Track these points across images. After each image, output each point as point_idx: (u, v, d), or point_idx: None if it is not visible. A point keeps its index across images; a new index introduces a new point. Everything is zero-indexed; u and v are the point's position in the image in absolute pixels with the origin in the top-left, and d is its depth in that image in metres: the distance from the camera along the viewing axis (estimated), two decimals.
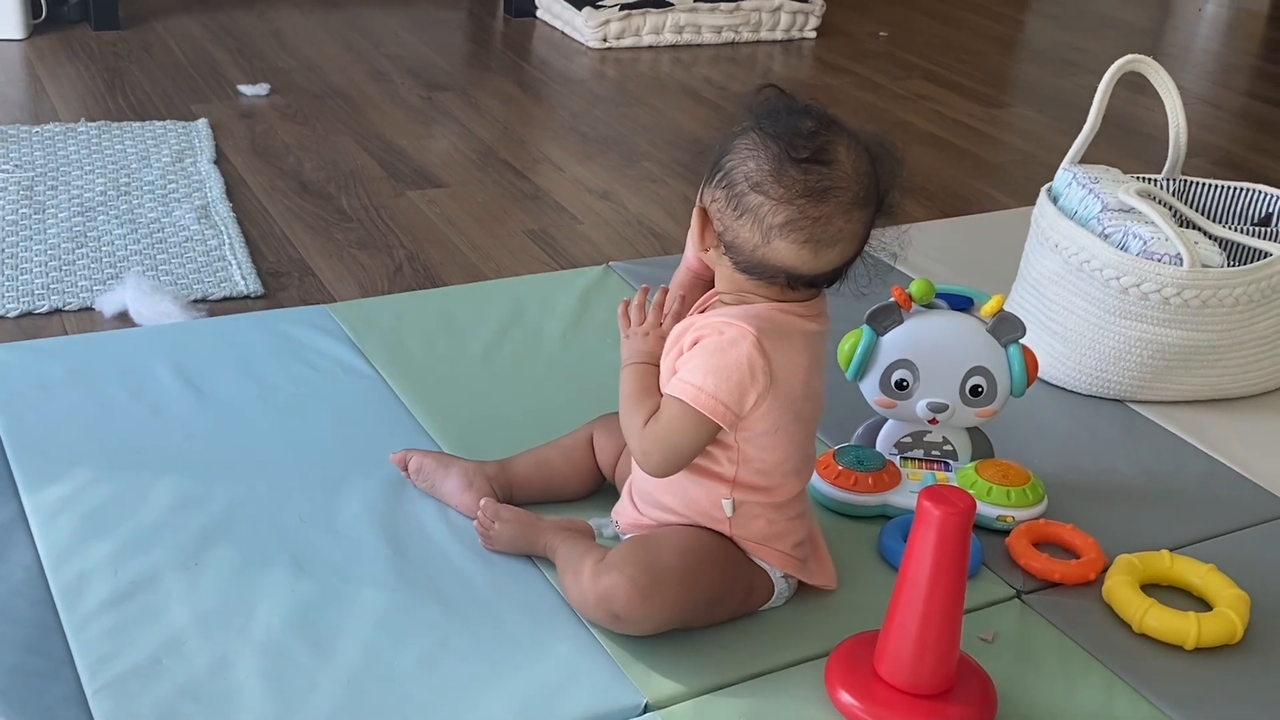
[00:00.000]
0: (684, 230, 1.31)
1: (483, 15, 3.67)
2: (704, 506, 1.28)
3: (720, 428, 1.22)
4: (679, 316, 1.30)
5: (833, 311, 1.31)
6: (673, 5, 3.48)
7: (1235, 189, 1.98)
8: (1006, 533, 1.48)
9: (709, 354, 1.21)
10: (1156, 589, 1.42)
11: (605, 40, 3.42)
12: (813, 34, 3.67)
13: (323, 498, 1.45)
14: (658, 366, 1.28)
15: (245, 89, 2.90)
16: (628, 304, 1.32)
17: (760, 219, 1.19)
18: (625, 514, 1.36)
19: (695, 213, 1.24)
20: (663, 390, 1.25)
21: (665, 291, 1.31)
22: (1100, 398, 1.81)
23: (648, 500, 1.32)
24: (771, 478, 1.27)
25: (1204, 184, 1.99)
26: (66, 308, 1.92)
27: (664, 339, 1.29)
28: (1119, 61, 1.88)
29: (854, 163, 1.19)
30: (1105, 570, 1.43)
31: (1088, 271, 1.77)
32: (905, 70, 3.49)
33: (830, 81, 3.33)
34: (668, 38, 3.48)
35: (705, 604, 1.27)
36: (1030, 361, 1.51)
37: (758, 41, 3.60)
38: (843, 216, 1.19)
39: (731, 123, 1.24)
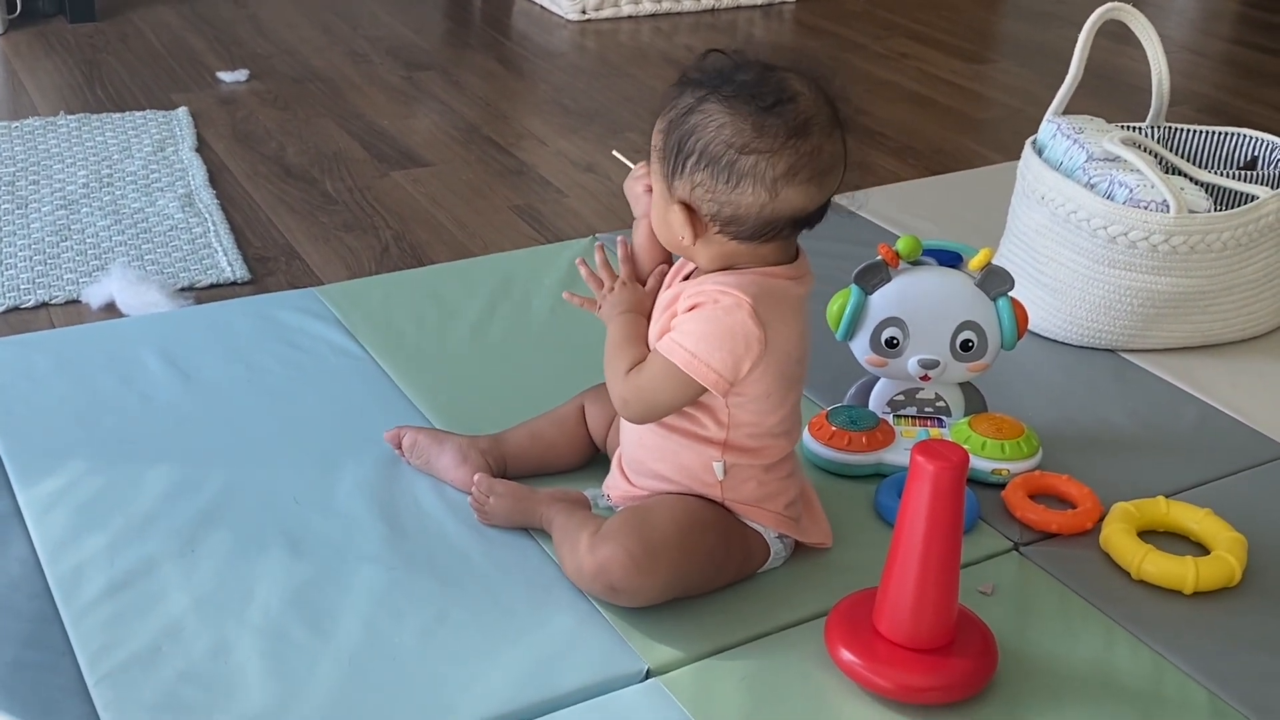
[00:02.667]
0: None
1: None
2: (695, 471, 1.28)
3: (704, 390, 1.22)
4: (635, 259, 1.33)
5: (818, 273, 1.31)
6: None
7: (1220, 134, 1.98)
8: (1002, 486, 1.48)
9: (705, 320, 1.21)
10: (1153, 535, 1.42)
11: (584, 12, 3.40)
12: None
13: (317, 478, 1.45)
14: (643, 315, 1.29)
15: (224, 76, 2.88)
16: (587, 266, 1.35)
17: (760, 176, 1.17)
18: (616, 486, 1.35)
19: (676, 211, 1.20)
20: (653, 347, 1.25)
21: (625, 245, 1.33)
22: (1092, 348, 1.81)
23: (638, 469, 1.32)
24: (762, 439, 1.27)
25: (1189, 130, 1.98)
26: (53, 301, 1.91)
27: (641, 286, 1.31)
28: (1099, 10, 1.87)
29: (810, 90, 1.19)
30: (1102, 519, 1.43)
31: (1075, 222, 1.77)
32: (887, 30, 3.47)
33: (812, 44, 3.32)
34: (647, 7, 3.47)
35: (702, 572, 1.27)
36: (1020, 314, 1.51)
37: (738, 7, 3.58)
38: (828, 141, 1.19)
39: (665, 104, 1.21)
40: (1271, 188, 1.81)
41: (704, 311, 1.21)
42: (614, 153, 1.37)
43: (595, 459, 1.47)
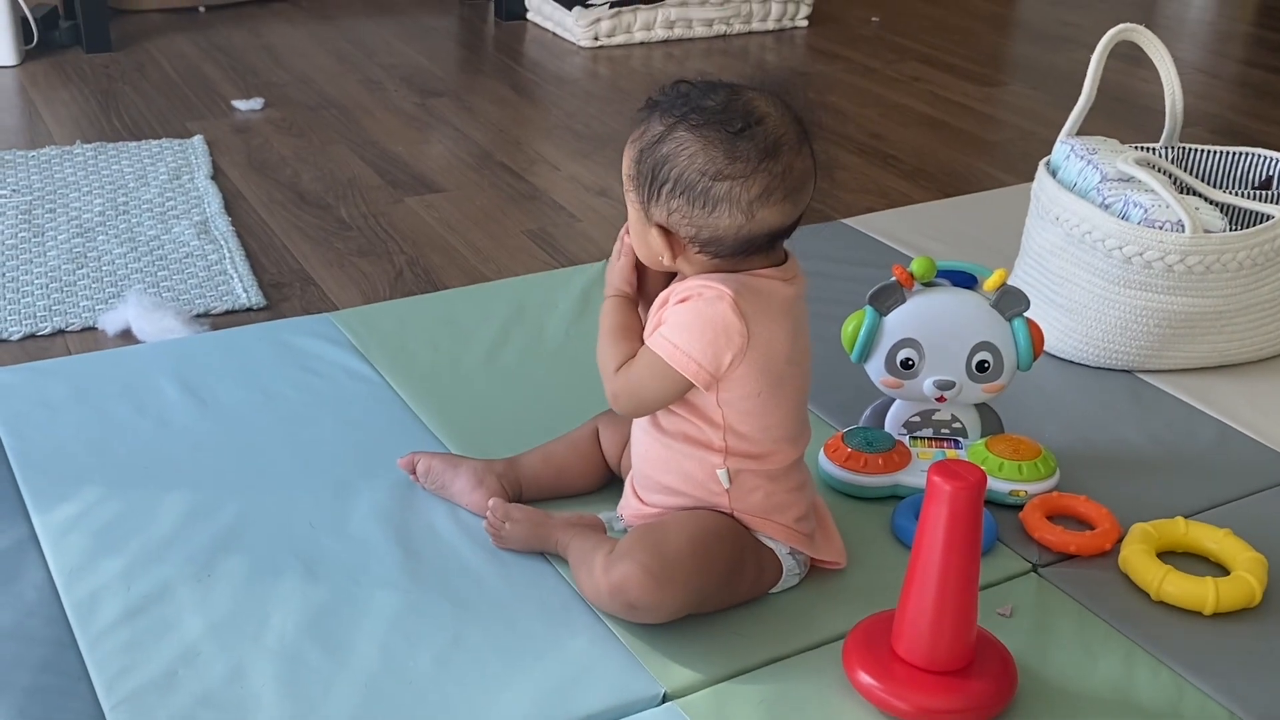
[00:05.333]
0: None
1: (474, 20, 3.67)
2: (701, 479, 1.28)
3: (692, 385, 1.23)
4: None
5: (832, 295, 1.31)
6: (663, 0, 3.48)
7: (1234, 154, 1.97)
8: (1020, 507, 1.47)
9: (688, 313, 1.22)
10: (1173, 556, 1.41)
11: (596, 39, 3.41)
12: (804, 22, 3.66)
13: (332, 503, 1.45)
14: (630, 300, 1.30)
15: (240, 104, 2.90)
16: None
17: (736, 200, 1.19)
18: (629, 507, 1.36)
19: (654, 234, 1.23)
20: (646, 342, 1.26)
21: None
22: (1108, 369, 1.80)
23: (648, 485, 1.32)
24: (761, 444, 1.27)
25: (1203, 150, 1.98)
26: (69, 328, 1.92)
27: (633, 268, 1.31)
28: (1112, 31, 1.87)
29: (776, 109, 1.21)
30: (1120, 540, 1.42)
31: (1090, 242, 1.76)
32: (899, 54, 3.48)
33: (824, 69, 3.33)
34: (659, 33, 3.48)
35: (717, 586, 1.27)
36: (1035, 334, 1.50)
37: (749, 32, 3.60)
38: (798, 158, 1.21)
39: (634, 131, 1.23)
40: None
41: (689, 304, 1.23)
42: None
43: (610, 482, 1.47)
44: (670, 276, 1.31)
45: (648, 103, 1.24)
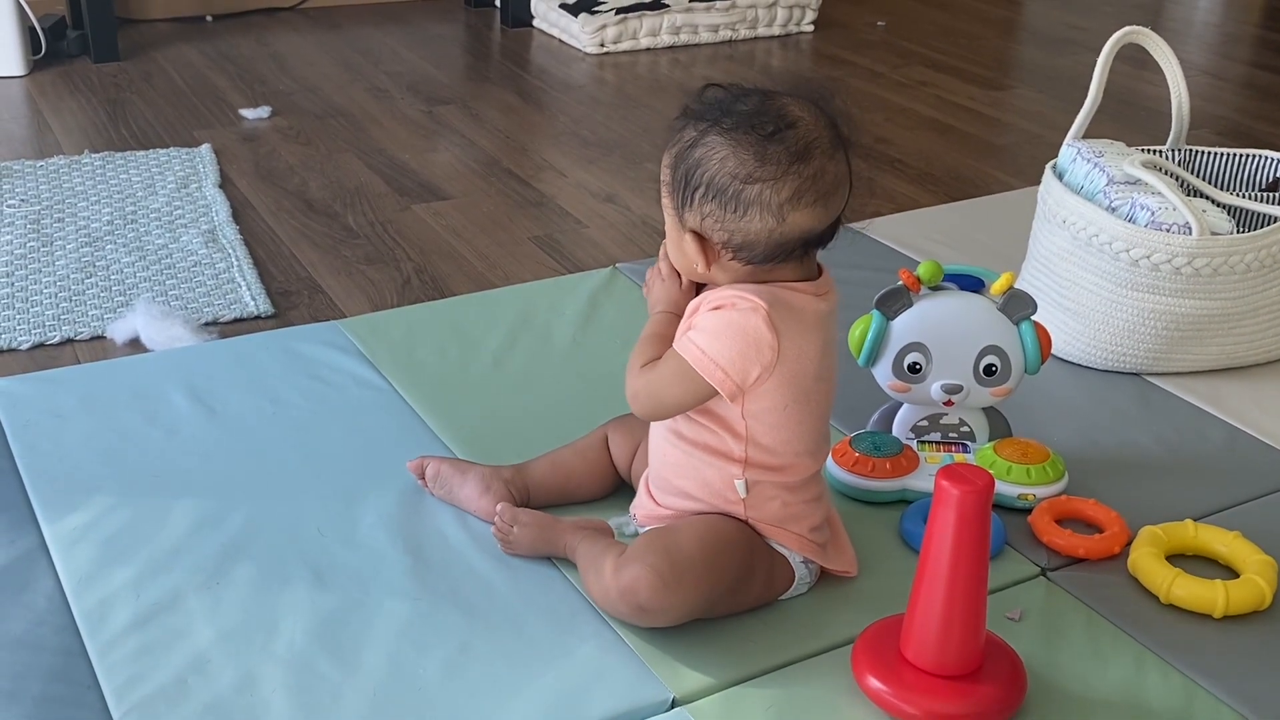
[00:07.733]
0: None
1: (480, 27, 3.68)
2: (718, 488, 1.28)
3: (715, 393, 1.23)
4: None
5: (839, 300, 1.30)
6: (669, 6, 3.48)
7: (1241, 155, 1.97)
8: (1028, 511, 1.47)
9: (720, 321, 1.22)
10: (1182, 559, 1.41)
11: (603, 45, 3.42)
12: (810, 27, 3.67)
13: (341, 510, 1.45)
14: (679, 315, 1.29)
15: (247, 113, 2.91)
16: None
17: (766, 204, 1.19)
18: (643, 507, 1.36)
19: (688, 240, 1.23)
20: (674, 345, 1.26)
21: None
22: (1116, 372, 1.80)
23: (664, 487, 1.32)
24: (783, 457, 1.27)
25: (1209, 152, 1.98)
26: (78, 337, 1.93)
27: (680, 286, 1.30)
28: (1118, 33, 1.87)
29: (810, 114, 1.21)
30: (1130, 543, 1.42)
31: (1097, 245, 1.76)
32: (905, 58, 3.48)
33: (830, 73, 3.33)
34: (665, 39, 3.49)
35: (727, 590, 1.27)
36: (1043, 338, 1.50)
37: (755, 38, 3.60)
38: (831, 162, 1.20)
39: (671, 139, 1.24)
40: None
41: (721, 312, 1.22)
42: None
43: (619, 489, 1.47)
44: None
45: (684, 110, 1.24)
